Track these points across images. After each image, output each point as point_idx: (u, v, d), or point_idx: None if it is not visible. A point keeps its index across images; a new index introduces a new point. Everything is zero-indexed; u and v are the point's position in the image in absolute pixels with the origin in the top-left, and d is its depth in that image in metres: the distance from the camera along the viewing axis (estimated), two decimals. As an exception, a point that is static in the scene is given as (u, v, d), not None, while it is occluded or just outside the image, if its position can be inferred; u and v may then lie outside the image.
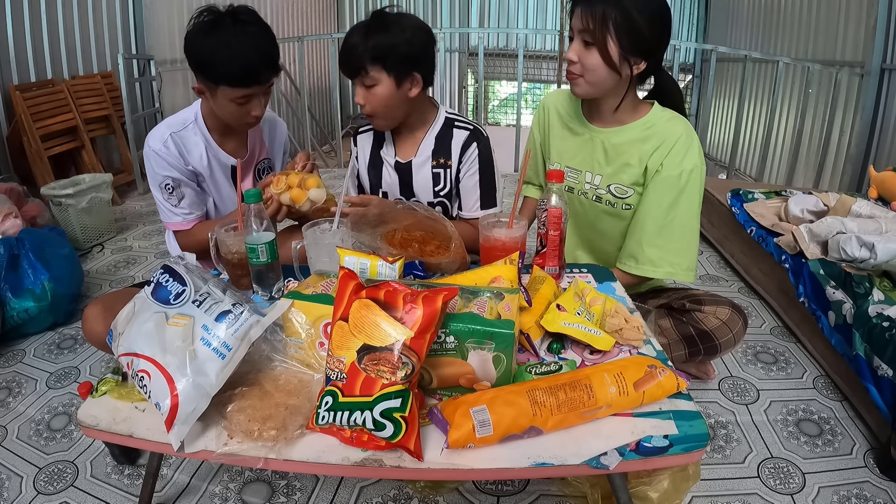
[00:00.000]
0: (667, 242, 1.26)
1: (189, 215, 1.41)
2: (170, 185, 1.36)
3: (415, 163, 1.43)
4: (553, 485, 1.22)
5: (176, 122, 1.38)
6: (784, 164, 4.30)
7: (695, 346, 1.31)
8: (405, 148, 1.45)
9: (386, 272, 0.96)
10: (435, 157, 1.42)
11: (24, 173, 3.07)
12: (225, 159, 1.43)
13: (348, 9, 7.29)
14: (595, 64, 1.15)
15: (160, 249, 2.65)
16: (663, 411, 0.79)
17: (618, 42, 1.12)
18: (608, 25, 1.11)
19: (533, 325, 0.93)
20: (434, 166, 1.42)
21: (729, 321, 1.30)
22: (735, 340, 1.31)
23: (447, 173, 1.43)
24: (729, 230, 2.45)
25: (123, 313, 0.86)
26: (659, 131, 1.24)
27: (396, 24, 1.26)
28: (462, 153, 1.40)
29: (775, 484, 1.26)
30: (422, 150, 1.42)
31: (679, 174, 1.22)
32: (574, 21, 1.16)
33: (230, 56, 1.19)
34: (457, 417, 0.71)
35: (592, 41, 1.13)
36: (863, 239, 1.61)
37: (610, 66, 1.15)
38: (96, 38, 3.69)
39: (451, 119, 1.43)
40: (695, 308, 1.32)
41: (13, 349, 1.80)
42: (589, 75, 1.17)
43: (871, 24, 3.49)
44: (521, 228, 1.11)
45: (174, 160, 1.35)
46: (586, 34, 1.13)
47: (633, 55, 1.14)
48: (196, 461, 1.28)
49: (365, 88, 1.29)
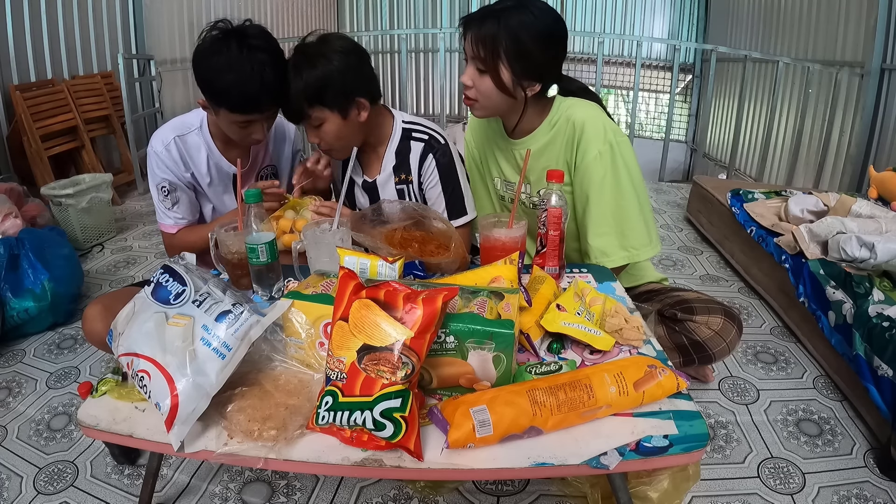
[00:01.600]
0: (610, 229, 1.23)
1: (181, 220, 1.42)
2: (166, 188, 1.37)
3: (379, 181, 1.40)
4: (553, 485, 1.22)
5: (181, 125, 1.38)
6: (784, 164, 4.30)
7: (688, 355, 1.32)
8: (370, 166, 1.42)
9: (386, 272, 0.96)
10: (396, 172, 1.38)
11: (24, 173, 3.07)
12: (227, 167, 1.43)
13: (348, 9, 7.29)
14: (488, 90, 1.14)
15: (160, 249, 2.65)
16: (663, 411, 0.79)
17: (510, 68, 1.11)
18: (499, 52, 1.09)
19: (533, 325, 0.93)
20: (397, 182, 1.39)
21: (721, 331, 1.29)
22: (729, 349, 1.31)
23: (410, 188, 1.39)
24: (729, 230, 2.45)
25: (123, 313, 0.87)
26: (562, 126, 1.23)
27: (321, 57, 1.19)
28: (420, 166, 1.35)
29: (775, 484, 1.26)
30: (384, 167, 1.38)
31: (595, 158, 1.18)
32: (466, 45, 1.14)
33: (231, 83, 1.16)
34: (457, 417, 0.71)
35: (485, 69, 1.12)
36: (863, 239, 1.61)
37: (503, 92, 1.14)
38: (96, 38, 3.69)
39: (408, 130, 1.37)
40: (687, 318, 1.31)
41: (13, 349, 1.80)
42: (483, 100, 1.16)
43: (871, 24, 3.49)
44: (520, 228, 1.11)
45: (174, 165, 1.36)
46: (478, 61, 1.12)
47: (525, 79, 1.13)
48: (196, 461, 1.28)
49: (314, 129, 1.26)
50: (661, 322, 1.34)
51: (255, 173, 1.50)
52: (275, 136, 1.53)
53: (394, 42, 6.89)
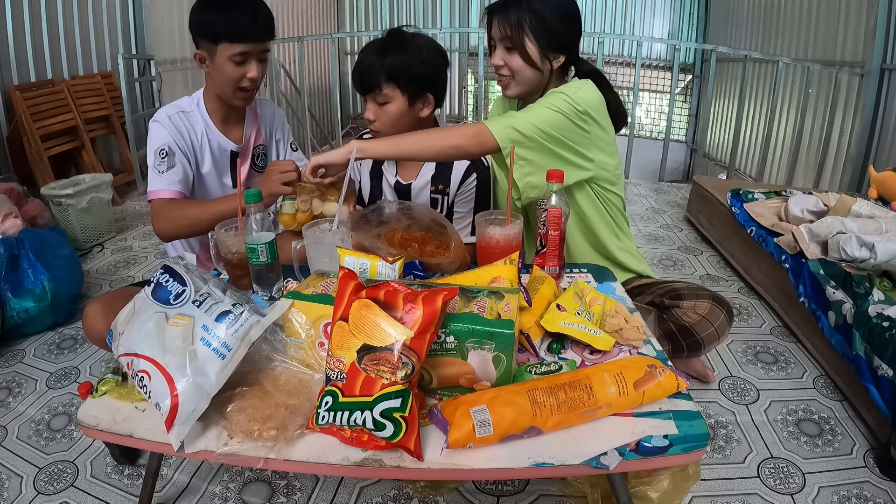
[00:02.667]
0: None
1: (173, 184, 1.37)
2: (164, 151, 1.37)
3: (415, 186, 1.45)
4: (553, 485, 1.22)
5: (181, 105, 1.44)
6: (784, 164, 4.30)
7: (677, 341, 1.31)
8: (407, 169, 1.46)
9: (386, 272, 0.96)
10: (434, 182, 1.44)
11: (24, 173, 3.07)
12: (224, 144, 1.47)
13: (348, 9, 7.29)
14: (519, 66, 1.25)
15: (160, 249, 2.65)
16: (663, 411, 0.79)
17: (535, 42, 1.23)
18: (524, 29, 1.22)
19: (533, 325, 0.93)
20: (433, 191, 1.45)
21: (709, 315, 1.29)
22: (718, 334, 1.30)
23: (444, 200, 1.45)
24: (729, 230, 2.45)
25: (123, 313, 0.87)
26: None
27: (413, 44, 1.29)
28: (462, 182, 1.42)
29: (775, 484, 1.26)
30: (422, 174, 1.44)
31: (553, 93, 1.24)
32: (493, 31, 1.26)
33: (228, 12, 1.28)
34: (457, 417, 0.71)
35: (513, 46, 1.24)
36: (863, 239, 1.61)
37: (531, 65, 1.25)
38: (96, 38, 3.68)
39: None
40: (674, 304, 1.32)
41: (13, 349, 1.80)
42: (517, 76, 1.27)
43: (871, 24, 3.49)
44: (515, 227, 1.11)
45: (175, 133, 1.39)
46: (506, 41, 1.24)
47: (550, 51, 1.25)
48: (196, 461, 1.28)
49: (377, 105, 1.31)
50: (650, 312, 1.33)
51: (249, 152, 1.54)
52: (264, 116, 1.58)
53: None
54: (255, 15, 1.31)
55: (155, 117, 1.41)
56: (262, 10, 1.32)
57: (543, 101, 1.24)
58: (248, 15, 1.30)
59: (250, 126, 1.53)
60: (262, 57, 1.37)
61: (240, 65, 1.33)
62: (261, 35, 1.33)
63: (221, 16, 1.29)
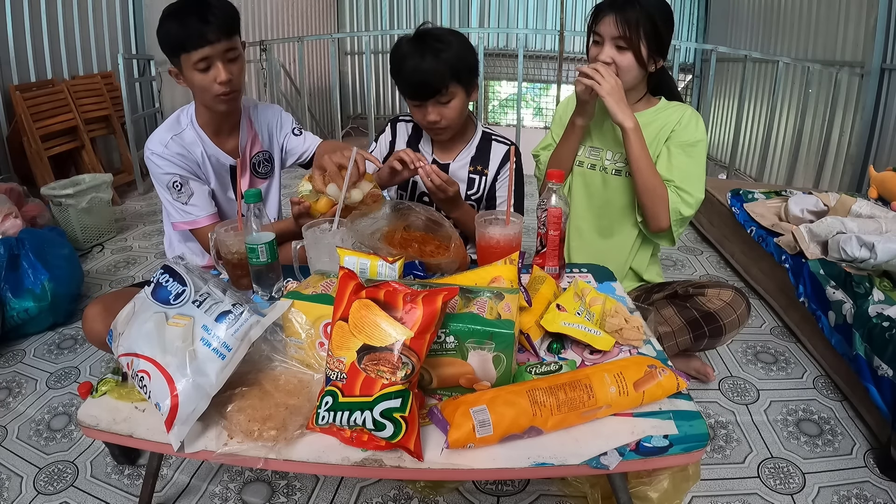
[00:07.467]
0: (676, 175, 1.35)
1: (201, 212, 1.38)
2: (177, 183, 1.35)
3: (453, 166, 1.47)
4: (553, 485, 1.22)
5: (174, 124, 1.39)
6: (784, 164, 4.30)
7: (699, 328, 1.35)
8: (444, 150, 1.49)
9: (386, 272, 0.96)
10: (473, 163, 1.48)
11: (24, 173, 3.07)
12: (223, 159, 1.44)
13: (348, 9, 7.29)
14: (629, 65, 1.29)
15: (160, 249, 2.65)
16: (663, 411, 0.79)
17: (647, 45, 1.27)
18: (640, 32, 1.25)
19: (533, 325, 0.93)
20: (471, 172, 1.48)
21: (732, 302, 1.36)
22: (739, 322, 1.36)
23: (483, 180, 1.48)
24: (729, 230, 2.45)
25: (123, 313, 0.87)
26: (670, 113, 1.39)
27: (454, 38, 1.31)
28: (501, 166, 1.47)
29: (775, 484, 1.26)
30: (461, 156, 1.48)
31: (688, 140, 1.34)
32: (605, 28, 1.28)
33: (179, 21, 1.23)
34: (457, 417, 0.71)
35: (627, 46, 1.27)
36: (863, 239, 1.61)
37: (641, 66, 1.30)
38: (96, 38, 3.68)
39: (488, 133, 1.50)
40: (697, 293, 1.39)
41: (13, 349, 1.80)
42: (623, 75, 1.30)
43: (871, 24, 3.49)
44: (515, 227, 1.11)
45: (178, 159, 1.35)
46: (621, 40, 1.27)
47: (656, 55, 1.31)
48: (196, 461, 1.28)
49: (441, 105, 1.33)
50: (669, 304, 1.39)
51: (248, 162, 1.50)
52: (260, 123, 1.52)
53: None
54: (205, 17, 1.22)
55: (151, 149, 1.35)
56: (213, 10, 1.23)
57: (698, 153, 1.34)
58: (196, 19, 1.23)
59: (246, 135, 1.47)
60: (230, 56, 1.28)
61: (205, 71, 1.26)
62: (216, 36, 1.24)
63: (174, 26, 1.23)
